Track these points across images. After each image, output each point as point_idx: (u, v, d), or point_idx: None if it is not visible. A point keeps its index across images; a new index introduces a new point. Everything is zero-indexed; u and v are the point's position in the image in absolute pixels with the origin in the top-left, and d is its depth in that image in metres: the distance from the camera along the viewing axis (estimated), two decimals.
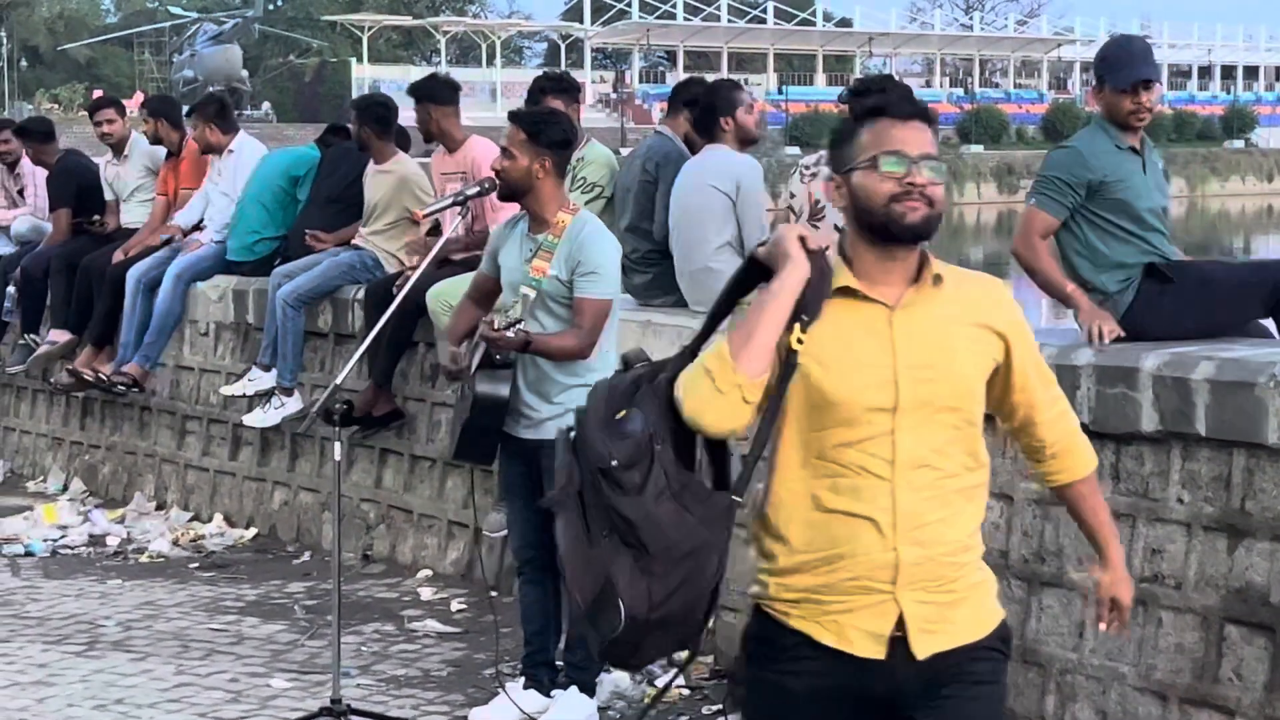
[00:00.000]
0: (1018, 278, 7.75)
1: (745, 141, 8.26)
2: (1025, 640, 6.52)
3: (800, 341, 3.60)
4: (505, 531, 8.90)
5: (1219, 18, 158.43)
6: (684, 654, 7.50)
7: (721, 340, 3.64)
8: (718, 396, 3.56)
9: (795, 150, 73.21)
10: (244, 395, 10.41)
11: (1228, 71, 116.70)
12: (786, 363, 3.61)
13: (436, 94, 9.23)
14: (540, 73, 10.02)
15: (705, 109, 8.38)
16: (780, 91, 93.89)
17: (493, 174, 6.83)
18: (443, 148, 9.26)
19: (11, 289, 12.42)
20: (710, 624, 3.81)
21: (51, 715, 7.09)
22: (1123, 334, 6.50)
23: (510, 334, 6.31)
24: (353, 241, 10.02)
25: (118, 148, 12.00)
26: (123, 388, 11.27)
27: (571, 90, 8.80)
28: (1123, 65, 6.76)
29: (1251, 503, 5.94)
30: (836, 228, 6.68)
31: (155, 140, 11.65)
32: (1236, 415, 5.91)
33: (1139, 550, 6.21)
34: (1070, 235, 6.79)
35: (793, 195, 7.92)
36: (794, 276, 3.61)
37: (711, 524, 3.66)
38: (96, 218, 12.01)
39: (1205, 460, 6.08)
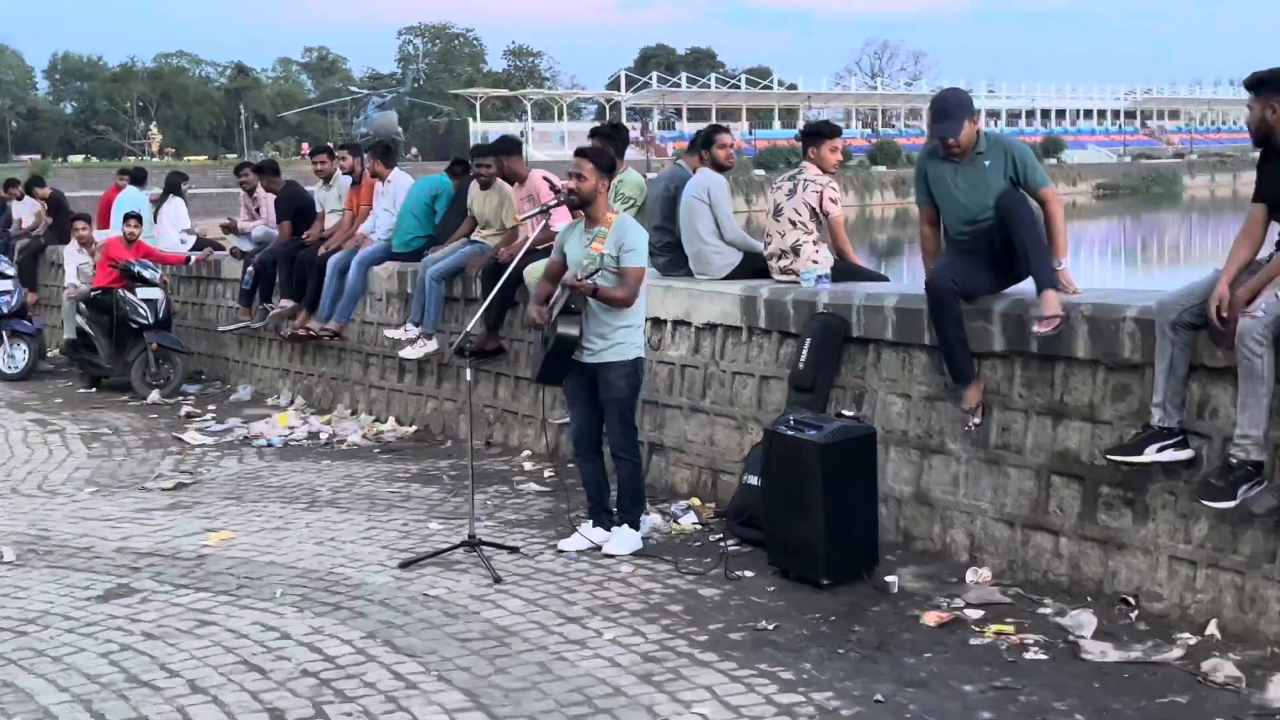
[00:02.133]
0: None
1: (718, 167, 8.16)
2: (920, 488, 6.48)
3: None
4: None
5: (1039, 77, 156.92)
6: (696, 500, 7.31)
7: None
8: None
9: (761, 171, 72.43)
10: (400, 339, 10.32)
11: (1045, 113, 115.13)
12: None
13: (507, 149, 9.62)
14: (594, 124, 9.99)
15: (697, 145, 8.37)
16: (750, 133, 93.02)
17: (565, 191, 6.83)
18: (517, 183, 9.46)
19: (250, 267, 12.39)
20: None
21: (287, 549, 7.09)
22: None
23: (589, 282, 6.38)
24: (472, 237, 9.97)
25: (327, 179, 11.88)
26: (329, 336, 11.27)
27: (612, 136, 8.67)
28: (929, 122, 6.26)
29: (1068, 396, 5.88)
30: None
31: (352, 172, 11.39)
32: (1055, 339, 5.83)
33: (993, 428, 6.14)
34: None
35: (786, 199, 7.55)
36: None
37: None
38: (307, 234, 11.88)
39: (1035, 369, 6.02)
